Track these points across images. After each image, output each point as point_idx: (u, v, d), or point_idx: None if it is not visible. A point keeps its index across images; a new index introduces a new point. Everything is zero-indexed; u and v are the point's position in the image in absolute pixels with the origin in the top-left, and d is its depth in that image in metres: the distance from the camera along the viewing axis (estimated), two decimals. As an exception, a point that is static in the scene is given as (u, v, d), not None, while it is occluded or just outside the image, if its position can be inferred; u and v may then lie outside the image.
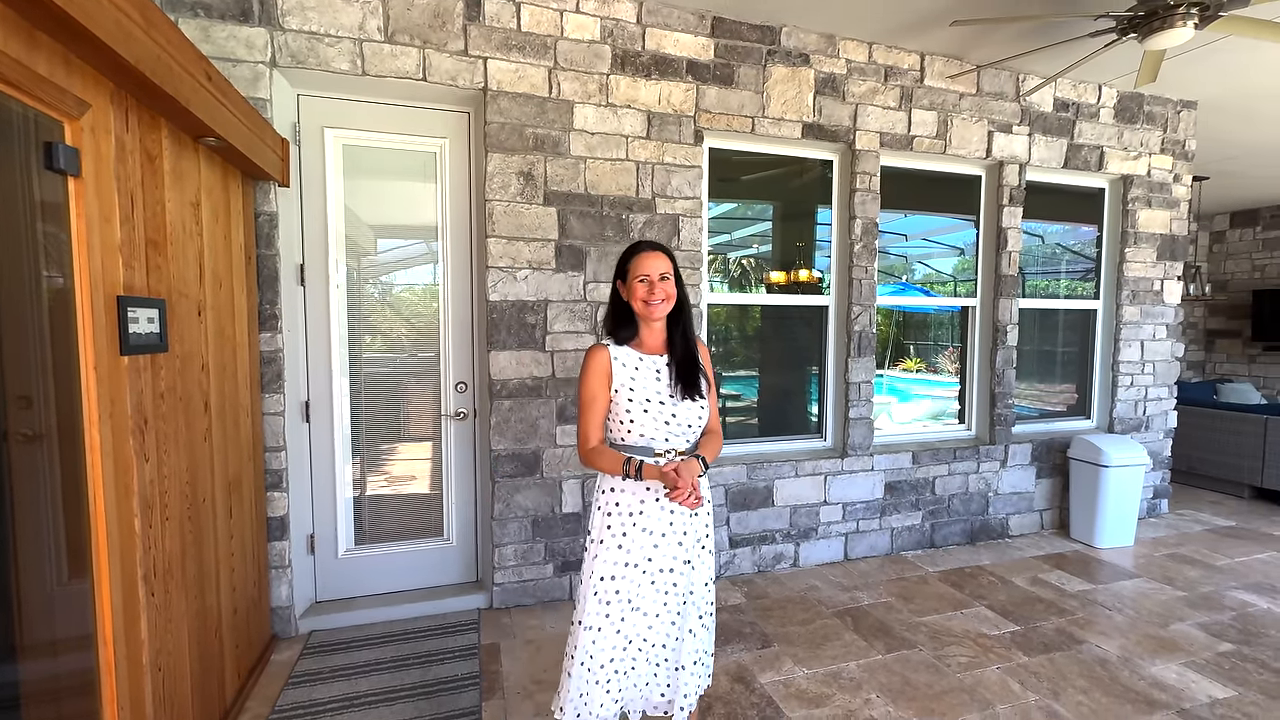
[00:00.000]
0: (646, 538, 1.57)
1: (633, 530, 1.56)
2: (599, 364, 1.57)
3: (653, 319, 1.59)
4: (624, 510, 1.57)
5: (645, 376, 1.59)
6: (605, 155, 2.87)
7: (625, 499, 1.58)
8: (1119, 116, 3.87)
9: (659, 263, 1.57)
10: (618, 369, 1.57)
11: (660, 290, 1.56)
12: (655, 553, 1.58)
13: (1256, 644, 2.61)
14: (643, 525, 1.57)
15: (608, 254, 2.89)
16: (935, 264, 4.31)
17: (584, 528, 2.95)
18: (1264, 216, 7.43)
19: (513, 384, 2.81)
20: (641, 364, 1.60)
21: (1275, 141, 4.81)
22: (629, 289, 1.59)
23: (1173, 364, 4.24)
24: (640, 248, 1.60)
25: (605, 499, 1.61)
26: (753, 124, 3.09)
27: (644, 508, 1.57)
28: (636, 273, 1.57)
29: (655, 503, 1.57)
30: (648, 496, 1.57)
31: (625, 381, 1.57)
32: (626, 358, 1.60)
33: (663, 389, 1.58)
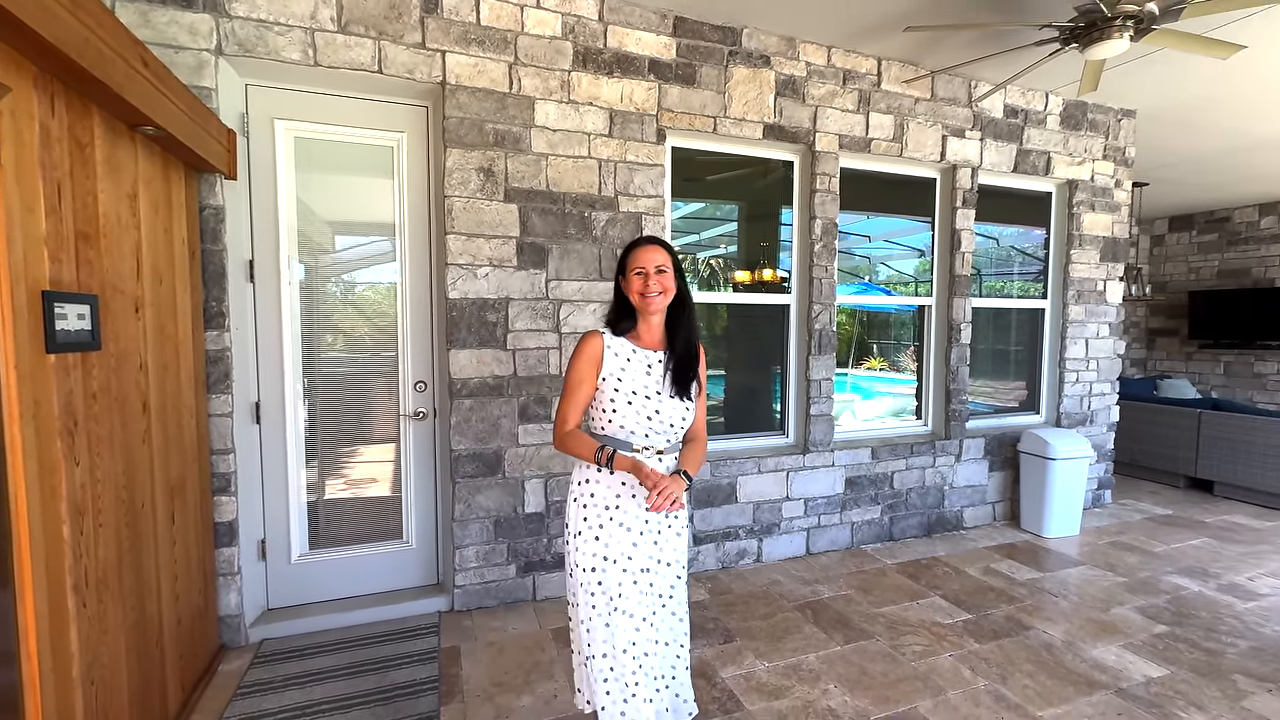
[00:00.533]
0: (624, 534, 1.55)
1: (609, 524, 1.55)
2: (591, 349, 1.56)
3: (650, 312, 1.58)
4: (599, 502, 1.56)
5: (635, 369, 1.57)
6: (567, 152, 2.85)
7: (600, 491, 1.57)
8: (1064, 123, 4.04)
9: (656, 255, 1.56)
10: (609, 357, 1.56)
11: (656, 283, 1.54)
12: (634, 551, 1.56)
13: (1188, 625, 2.75)
14: (619, 520, 1.56)
15: (570, 252, 2.88)
16: (897, 265, 4.43)
17: (560, 524, 2.93)
18: (1199, 222, 7.85)
19: (473, 383, 2.77)
20: (634, 356, 1.59)
21: (1207, 151, 5.09)
22: (627, 282, 1.58)
23: (1115, 361, 4.44)
24: (639, 242, 1.60)
25: (580, 490, 1.59)
26: (715, 124, 3.12)
27: (620, 502, 1.56)
28: (633, 266, 1.56)
29: (631, 498, 1.56)
30: (623, 490, 1.56)
31: (614, 371, 1.56)
32: (620, 348, 1.58)
33: (651, 384, 1.57)
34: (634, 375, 1.56)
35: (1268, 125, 4.47)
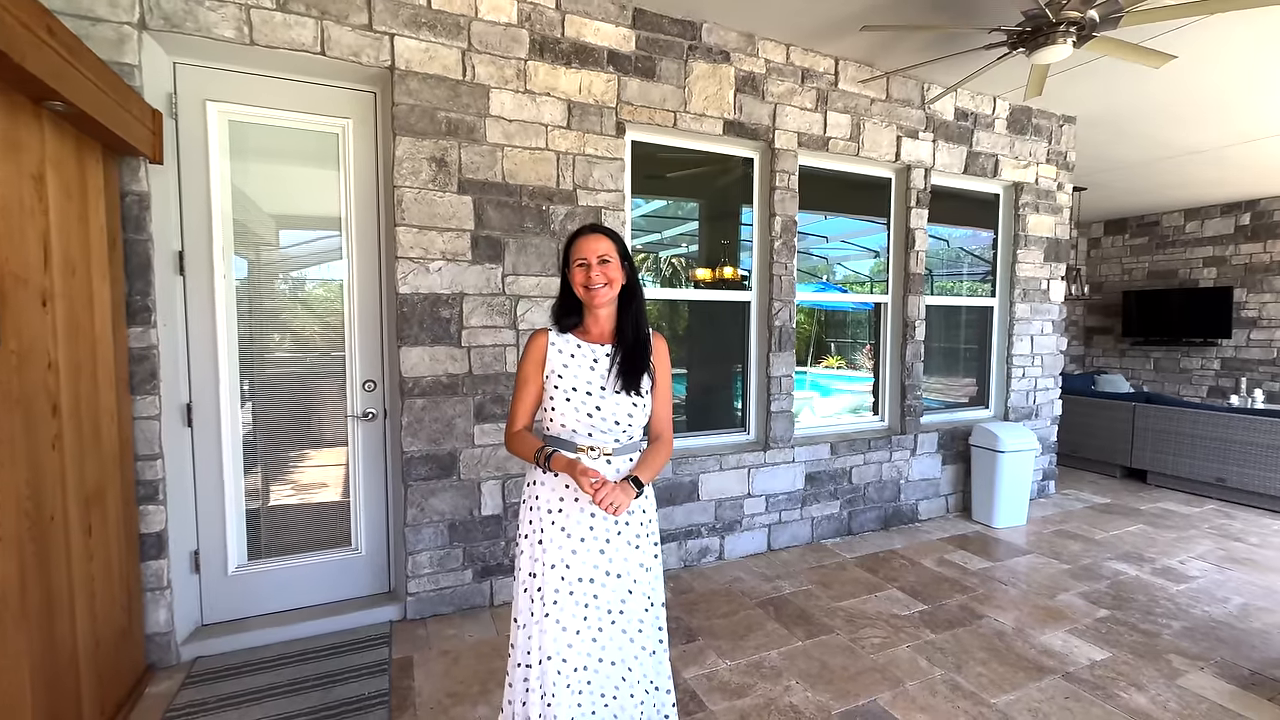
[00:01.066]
0: (565, 539, 1.49)
1: (550, 529, 1.49)
2: (535, 348, 1.54)
3: (595, 305, 1.52)
4: (542, 505, 1.52)
5: (578, 365, 1.52)
6: (524, 144, 2.77)
7: (544, 493, 1.52)
8: (1011, 127, 4.18)
9: (598, 244, 1.50)
10: (553, 354, 1.53)
11: (600, 274, 1.48)
12: (574, 559, 1.49)
13: (1127, 608, 2.87)
14: (561, 524, 1.50)
15: (527, 246, 2.80)
16: (854, 265, 4.52)
17: (513, 526, 2.84)
18: (1131, 225, 8.30)
19: (426, 382, 2.66)
20: (579, 351, 1.54)
21: (1139, 158, 5.36)
22: (571, 274, 1.53)
23: (1058, 357, 4.63)
24: (580, 231, 1.54)
25: (528, 491, 1.57)
26: (675, 118, 3.09)
27: (562, 505, 1.50)
28: (575, 257, 1.51)
29: (574, 502, 1.50)
30: (566, 494, 1.50)
31: (556, 368, 1.52)
32: (564, 344, 1.55)
33: (594, 379, 1.51)
34: (576, 371, 1.52)
35: (1192, 135, 4.74)
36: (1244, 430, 4.46)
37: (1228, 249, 7.40)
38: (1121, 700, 2.18)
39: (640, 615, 1.56)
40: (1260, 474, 4.36)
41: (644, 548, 1.58)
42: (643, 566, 1.57)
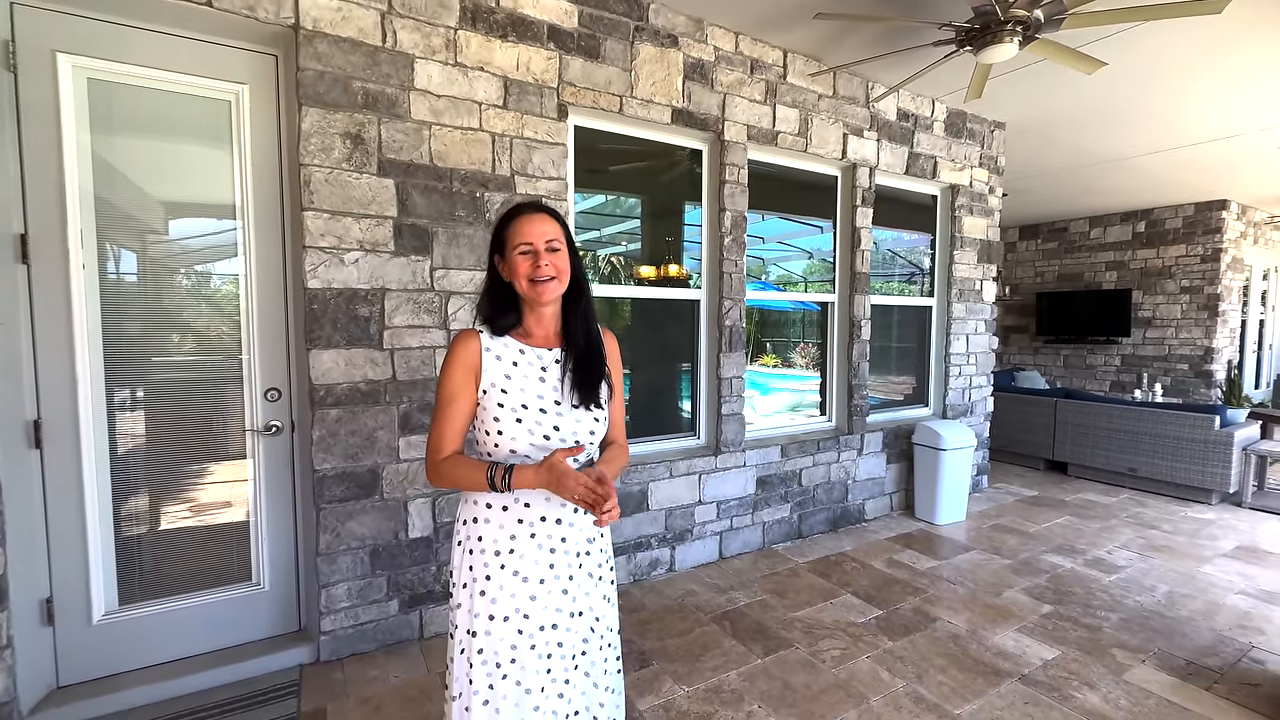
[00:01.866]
0: (519, 585, 1.22)
1: (500, 573, 1.22)
2: (465, 355, 1.23)
3: (542, 302, 1.26)
4: (488, 547, 1.23)
5: (526, 375, 1.25)
6: (455, 123, 2.48)
7: (490, 532, 1.23)
8: (948, 130, 4.25)
9: (544, 227, 1.24)
10: (489, 363, 1.23)
11: (549, 264, 1.23)
12: (533, 606, 1.23)
13: (1067, 603, 2.92)
14: (514, 568, 1.22)
15: (460, 237, 2.52)
16: (788, 265, 4.51)
17: (446, 549, 2.55)
18: (1043, 231, 8.83)
19: (341, 389, 2.33)
20: (522, 358, 1.27)
21: (1056, 166, 5.65)
22: (509, 264, 1.24)
23: (990, 355, 4.78)
24: (520, 210, 1.26)
25: (465, 531, 1.26)
26: (621, 103, 2.89)
27: (514, 544, 1.23)
28: (516, 242, 1.23)
29: (530, 539, 1.23)
30: (519, 530, 1.23)
31: (497, 380, 1.23)
32: (504, 350, 1.26)
33: (548, 392, 1.26)
34: (524, 383, 1.25)
35: (1106, 145, 5.02)
36: (1151, 423, 4.76)
37: (1126, 254, 8.00)
38: (1077, 701, 2.17)
39: (605, 654, 1.35)
40: (1166, 464, 4.66)
41: (605, 577, 1.37)
42: (605, 599, 1.36)
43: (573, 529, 1.27)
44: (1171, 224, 7.56)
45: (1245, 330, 8.21)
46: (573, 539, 1.27)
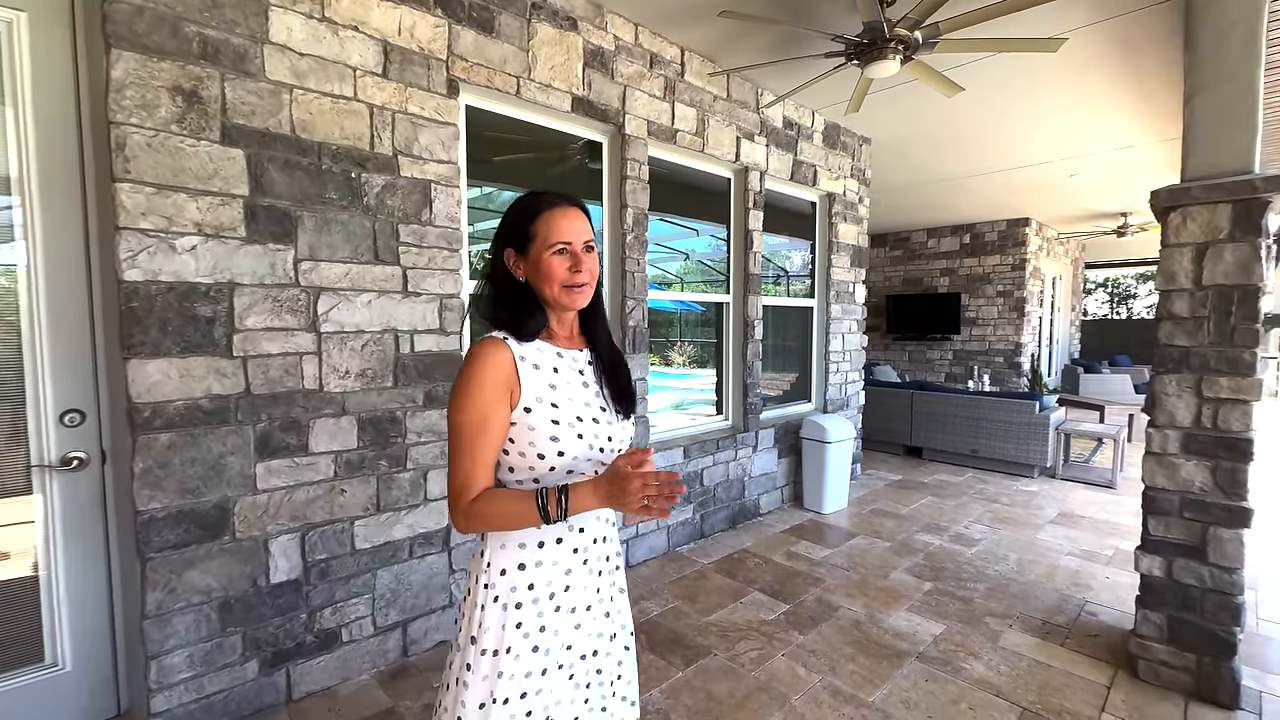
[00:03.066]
0: (571, 622, 1.07)
1: (555, 618, 1.05)
2: (495, 369, 1.00)
3: (575, 307, 1.10)
4: (541, 595, 1.04)
5: (569, 382, 1.08)
6: (323, 89, 2.11)
7: (544, 575, 1.04)
8: (826, 141, 4.52)
9: (583, 224, 1.07)
10: (528, 374, 1.03)
11: (587, 267, 1.06)
12: (577, 635, 1.08)
13: (943, 578, 3.20)
14: (570, 605, 1.06)
15: (332, 223, 2.14)
16: (664, 266, 4.55)
17: (330, 589, 2.15)
18: (890, 240, 9.87)
19: (175, 408, 1.86)
20: (562, 362, 1.09)
21: (906, 181, 6.29)
22: (536, 263, 1.05)
23: (861, 352, 5.17)
24: (550, 201, 1.06)
25: (503, 584, 1.03)
26: (518, 85, 2.66)
27: (570, 580, 1.06)
28: (552, 239, 1.04)
29: (583, 565, 1.08)
30: (574, 561, 1.06)
31: (542, 393, 1.03)
32: (540, 356, 1.07)
33: (593, 399, 1.10)
34: (571, 391, 1.07)
35: (947, 165, 5.68)
36: (987, 410, 5.45)
37: (956, 262, 9.18)
38: (966, 672, 2.35)
39: (630, 665, 1.22)
40: (1000, 444, 5.37)
41: (623, 587, 1.22)
42: (623, 613, 1.21)
43: (609, 544, 1.14)
44: (989, 237, 8.80)
45: (1042, 328, 9.80)
46: (610, 554, 1.15)
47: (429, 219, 2.40)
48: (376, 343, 2.29)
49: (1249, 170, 2.12)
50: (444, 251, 2.45)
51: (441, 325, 2.46)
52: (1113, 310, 15.95)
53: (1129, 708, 2.13)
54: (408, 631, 2.42)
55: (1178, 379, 2.21)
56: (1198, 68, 2.24)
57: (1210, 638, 2.16)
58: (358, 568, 2.28)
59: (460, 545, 2.56)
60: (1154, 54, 3.34)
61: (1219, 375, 2.13)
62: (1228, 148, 2.17)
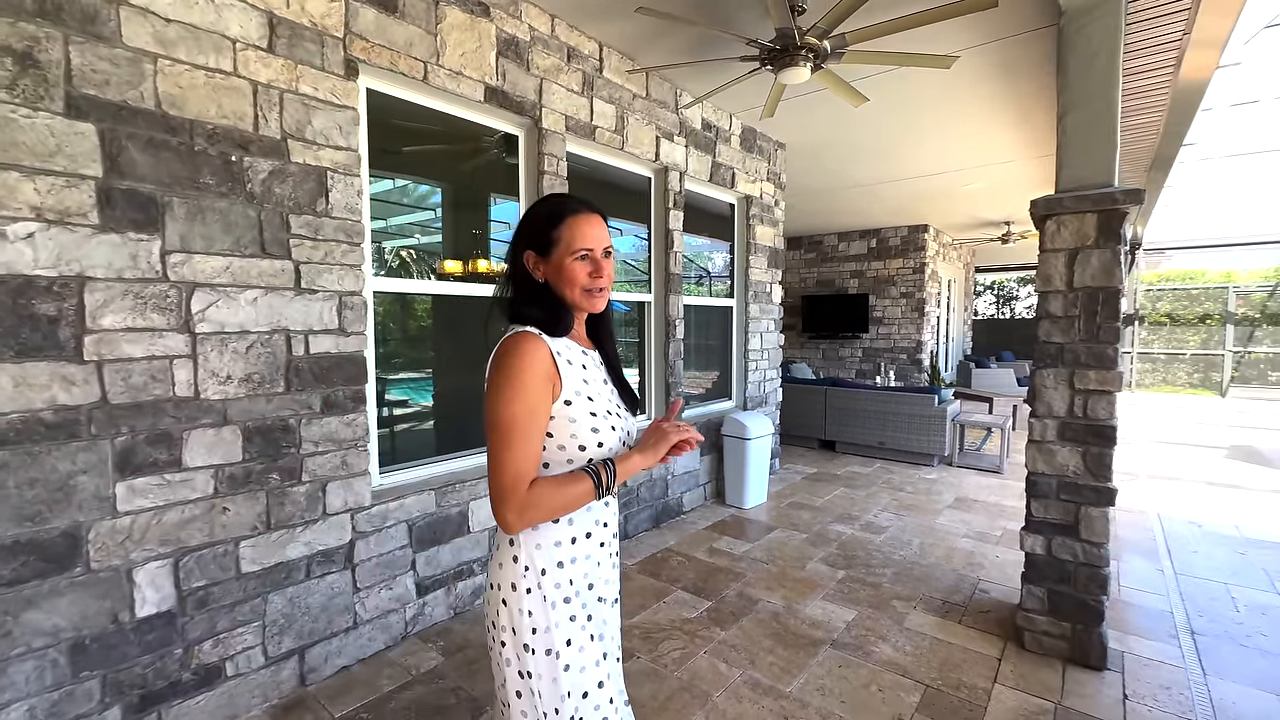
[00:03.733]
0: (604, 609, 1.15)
1: (599, 608, 1.13)
2: (538, 362, 1.02)
3: (593, 311, 1.15)
4: (581, 584, 1.09)
5: (596, 377, 1.14)
6: (196, 60, 1.88)
7: (580, 569, 1.09)
8: (743, 145, 4.62)
9: (603, 231, 1.11)
10: (564, 369, 1.07)
11: (607, 273, 1.11)
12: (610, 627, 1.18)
13: (854, 566, 3.35)
14: (600, 593, 1.14)
15: (208, 211, 1.92)
16: None
17: (211, 619, 1.92)
18: (805, 243, 10.30)
19: (8, 422, 1.60)
20: (587, 359, 1.15)
21: (819, 187, 6.58)
22: (558, 267, 1.08)
23: (778, 350, 5.34)
24: (574, 208, 1.10)
25: (547, 583, 1.05)
26: (426, 70, 2.51)
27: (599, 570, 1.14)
28: (575, 246, 1.07)
29: (610, 559, 1.17)
30: (601, 553, 1.14)
31: (579, 387, 1.08)
32: (570, 353, 1.11)
33: (611, 396, 1.16)
34: (599, 388, 1.13)
35: (856, 171, 5.98)
36: (892, 404, 5.80)
37: (864, 265, 9.72)
38: (876, 654, 2.46)
39: None
40: (904, 436, 5.72)
41: None
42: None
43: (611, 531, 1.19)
44: (893, 241, 9.38)
45: (939, 327, 10.57)
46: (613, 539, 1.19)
47: (325, 210, 2.21)
48: (264, 344, 2.08)
49: (1110, 184, 2.36)
50: (343, 245, 2.26)
51: (341, 325, 2.27)
52: (999, 310, 17.52)
53: (1017, 676, 2.31)
54: (305, 659, 2.22)
55: (1054, 372, 2.42)
56: (1068, 90, 2.46)
57: (1083, 607, 2.38)
58: (245, 593, 2.06)
59: (365, 562, 2.38)
60: (1032, 77, 3.66)
61: (1088, 369, 2.35)
62: (1093, 162, 2.39)
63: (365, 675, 2.30)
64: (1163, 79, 3.44)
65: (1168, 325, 12.73)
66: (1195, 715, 2.09)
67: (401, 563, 2.53)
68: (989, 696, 2.19)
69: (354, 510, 2.34)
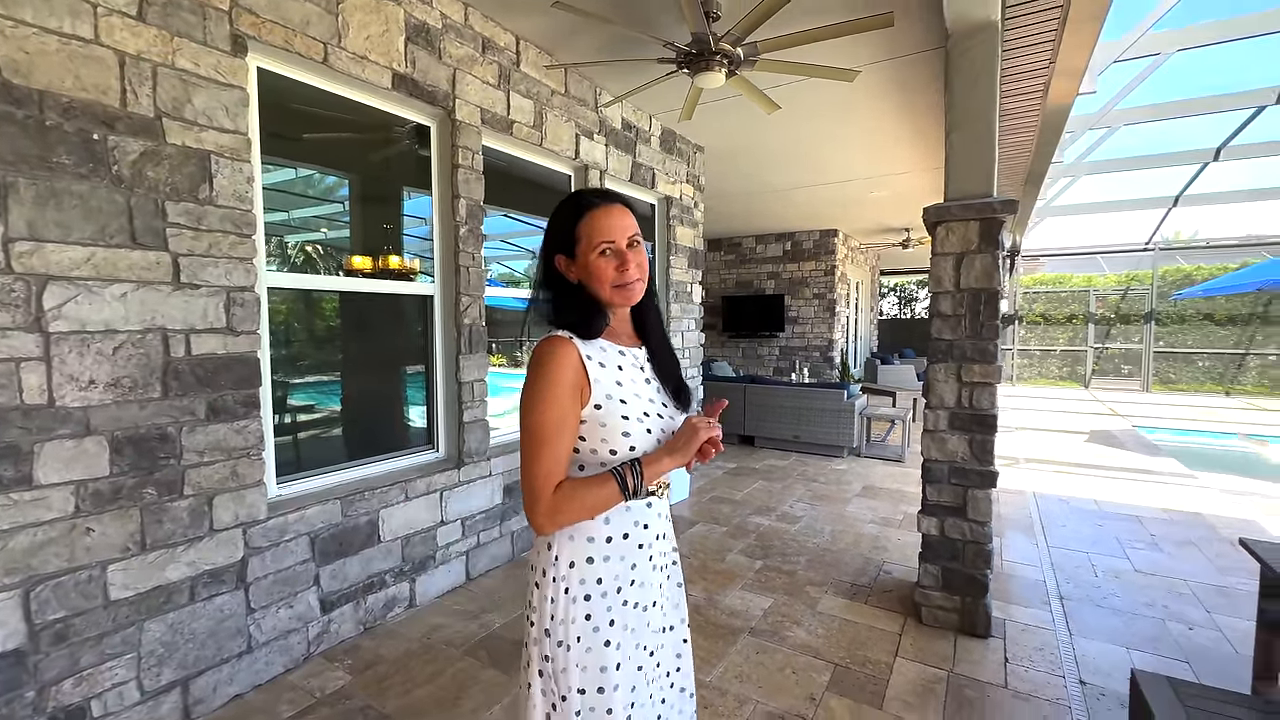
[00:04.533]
0: (639, 617, 1.11)
1: (624, 613, 1.08)
2: (566, 369, 1.02)
3: (628, 303, 1.11)
4: (609, 587, 1.07)
5: (634, 379, 1.11)
6: (47, 24, 1.66)
7: (611, 569, 1.07)
8: (663, 146, 4.69)
9: (626, 220, 1.08)
10: (596, 372, 1.06)
11: (635, 264, 1.07)
12: (644, 632, 1.12)
13: (772, 555, 3.49)
14: (634, 599, 1.10)
15: (64, 195, 1.70)
16: (511, 264, 4.43)
17: (72, 656, 1.70)
18: (724, 245, 10.60)
19: None
20: (624, 360, 1.12)
21: (736, 191, 6.79)
22: (585, 266, 1.07)
23: (700, 349, 5.46)
24: (589, 202, 1.08)
25: (573, 576, 1.06)
26: (326, 52, 2.35)
27: (635, 574, 1.10)
28: (596, 241, 1.05)
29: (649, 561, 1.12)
30: (640, 556, 1.10)
31: (612, 390, 1.06)
32: (604, 355, 1.09)
33: (655, 395, 1.13)
34: (636, 388, 1.10)
35: (772, 176, 6.22)
36: (806, 399, 6.09)
37: (780, 267, 10.14)
38: (791, 639, 2.57)
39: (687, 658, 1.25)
40: (817, 429, 6.02)
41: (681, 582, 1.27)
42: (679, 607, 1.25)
43: (668, 540, 1.19)
44: (806, 245, 9.85)
45: (849, 326, 11.22)
46: (669, 549, 1.20)
47: (209, 197, 2.02)
48: (136, 345, 1.87)
49: (990, 195, 2.59)
50: (231, 236, 2.08)
51: (230, 323, 2.09)
52: (901, 311, 18.82)
53: (915, 649, 2.49)
54: (190, 690, 2.02)
55: (945, 367, 2.63)
56: (954, 109, 2.68)
57: (971, 581, 2.60)
58: (115, 623, 1.84)
59: (260, 580, 2.20)
60: (925, 94, 3.95)
61: (973, 363, 2.57)
62: (975, 175, 2.62)
63: (262, 702, 2.13)
64: (1033, 102, 3.83)
65: (1042, 324, 14.19)
66: (1063, 671, 2.33)
67: (303, 578, 2.36)
68: (891, 670, 2.34)
69: (247, 524, 2.16)
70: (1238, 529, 3.89)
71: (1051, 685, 2.25)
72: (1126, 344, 13.28)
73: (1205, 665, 2.37)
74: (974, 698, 2.18)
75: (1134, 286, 13.10)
